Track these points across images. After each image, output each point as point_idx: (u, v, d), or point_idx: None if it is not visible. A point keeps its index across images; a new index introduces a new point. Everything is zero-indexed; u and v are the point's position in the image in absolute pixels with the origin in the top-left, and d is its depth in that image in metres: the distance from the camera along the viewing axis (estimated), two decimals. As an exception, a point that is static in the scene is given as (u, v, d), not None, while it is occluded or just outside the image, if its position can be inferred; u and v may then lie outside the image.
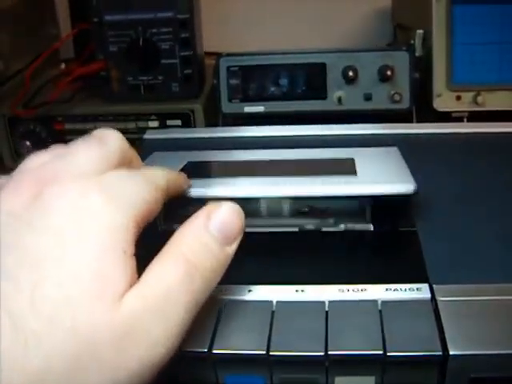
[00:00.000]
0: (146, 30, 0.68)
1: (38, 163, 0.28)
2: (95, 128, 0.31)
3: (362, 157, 0.42)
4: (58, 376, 0.22)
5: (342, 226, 0.39)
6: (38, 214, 0.25)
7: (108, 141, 0.29)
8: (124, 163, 0.30)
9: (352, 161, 0.41)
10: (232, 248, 0.29)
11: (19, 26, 0.81)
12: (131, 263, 0.25)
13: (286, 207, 0.40)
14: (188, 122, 0.69)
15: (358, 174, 0.39)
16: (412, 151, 0.44)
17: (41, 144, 0.74)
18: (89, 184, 0.26)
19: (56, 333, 0.23)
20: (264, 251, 0.37)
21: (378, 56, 0.66)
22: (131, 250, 0.26)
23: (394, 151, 0.43)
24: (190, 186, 0.36)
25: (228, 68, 0.66)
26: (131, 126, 0.71)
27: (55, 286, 0.23)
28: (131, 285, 0.25)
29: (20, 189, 0.26)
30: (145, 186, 0.28)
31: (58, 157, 0.28)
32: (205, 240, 0.28)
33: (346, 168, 0.40)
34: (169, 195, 0.31)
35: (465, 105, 0.67)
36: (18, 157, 0.76)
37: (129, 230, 0.26)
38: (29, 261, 0.24)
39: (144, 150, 0.47)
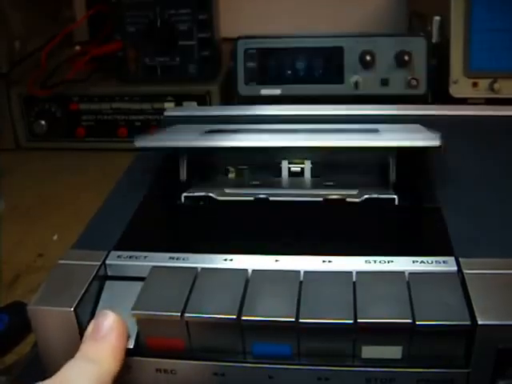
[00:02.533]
0: (164, 11, 0.68)
1: None
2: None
3: (386, 128, 0.42)
4: None
5: (365, 196, 0.39)
6: None
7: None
8: None
9: (376, 129, 0.42)
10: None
11: (35, 8, 0.81)
12: None
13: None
14: (204, 104, 0.69)
15: (383, 135, 0.39)
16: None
17: (56, 123, 0.74)
18: None
19: None
20: (290, 221, 0.37)
21: (395, 41, 0.66)
22: None
23: (417, 126, 0.43)
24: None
25: (245, 50, 0.66)
26: (147, 106, 0.71)
27: None
28: None
29: None
30: None
31: None
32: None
33: (371, 132, 0.41)
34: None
35: (481, 91, 0.67)
36: (32, 137, 0.76)
37: None
38: None
39: (166, 124, 0.47)
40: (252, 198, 0.40)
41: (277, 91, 0.67)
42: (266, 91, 0.67)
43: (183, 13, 0.68)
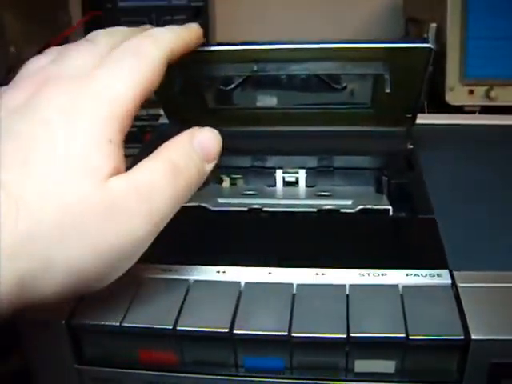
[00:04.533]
0: (160, 17, 0.68)
1: (37, 67, 0.30)
2: None
3: None
4: (43, 240, 0.25)
5: (360, 207, 0.39)
6: (32, 108, 0.27)
7: (98, 38, 0.31)
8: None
9: None
10: (210, 166, 0.31)
11: (31, 12, 0.80)
12: (117, 151, 0.27)
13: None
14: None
15: None
16: (427, 141, 0.44)
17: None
18: (81, 83, 0.28)
19: (45, 204, 0.25)
20: (283, 233, 0.37)
21: (391, 48, 0.66)
22: (118, 138, 0.27)
23: None
24: (202, 38, 0.35)
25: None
26: (142, 112, 0.70)
27: (44, 164, 0.26)
28: (118, 172, 0.27)
29: (19, 88, 0.28)
30: (135, 77, 0.28)
31: (54, 60, 0.30)
32: (189, 151, 0.30)
33: None
34: (177, 55, 0.32)
35: (477, 99, 0.66)
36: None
37: (115, 122, 0.27)
38: (20, 144, 0.26)
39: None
40: (245, 209, 0.40)
41: (273, 100, 0.67)
42: (262, 99, 0.67)
43: (179, 19, 0.68)
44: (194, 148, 0.30)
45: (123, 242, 0.26)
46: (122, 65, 0.29)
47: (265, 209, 0.40)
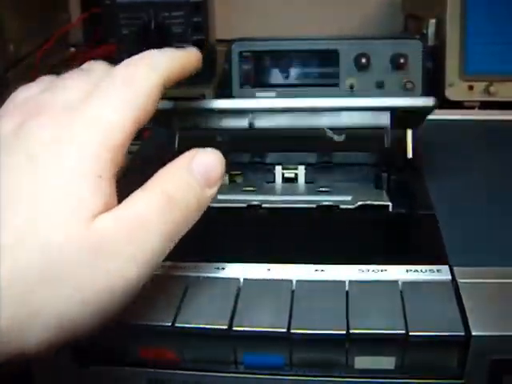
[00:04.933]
0: (159, 13, 0.67)
1: (26, 95, 0.29)
2: None
3: None
4: (26, 287, 0.23)
5: (359, 203, 0.39)
6: (18, 140, 0.26)
7: (95, 70, 0.30)
8: None
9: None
10: (212, 191, 0.29)
11: (30, 10, 0.80)
12: (107, 186, 0.25)
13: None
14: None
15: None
16: (426, 137, 0.44)
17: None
18: (71, 113, 0.26)
19: (28, 246, 0.23)
20: (282, 229, 0.37)
21: (390, 44, 0.66)
22: (109, 172, 0.26)
23: None
24: (200, 62, 0.32)
25: (240, 53, 0.65)
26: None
27: (28, 202, 0.24)
28: (107, 208, 0.25)
29: (6, 119, 0.27)
30: (130, 105, 0.27)
31: (45, 89, 0.29)
32: (187, 178, 0.28)
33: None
34: (173, 81, 0.29)
35: (477, 95, 0.66)
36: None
37: (106, 156, 0.26)
38: (3, 180, 0.24)
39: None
40: (245, 205, 0.40)
41: (271, 94, 0.66)
42: (260, 94, 0.66)
43: (177, 15, 0.67)
44: (193, 174, 0.28)
45: (112, 286, 0.25)
46: (115, 92, 0.27)
47: (264, 205, 0.39)
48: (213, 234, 0.37)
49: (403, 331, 0.28)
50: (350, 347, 0.30)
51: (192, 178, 0.28)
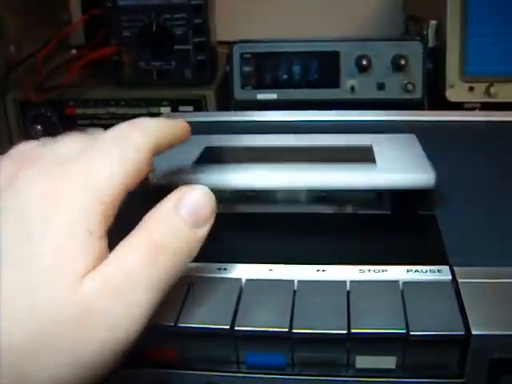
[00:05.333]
0: (160, 15, 0.68)
1: (25, 148, 0.29)
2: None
3: (379, 144, 0.42)
4: (14, 354, 0.23)
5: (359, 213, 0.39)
6: (8, 195, 0.26)
7: (96, 131, 0.30)
8: None
9: (370, 148, 0.41)
10: (203, 231, 0.28)
11: (31, 12, 0.80)
12: (97, 244, 0.25)
13: (303, 195, 0.41)
14: (200, 109, 0.69)
15: (377, 163, 0.39)
16: (427, 138, 0.44)
17: (51, 128, 0.74)
18: (65, 168, 0.26)
19: (15, 312, 0.23)
20: (284, 232, 0.37)
21: (391, 45, 0.66)
22: (100, 230, 0.25)
23: (411, 138, 0.43)
24: (189, 133, 0.32)
25: (242, 55, 0.66)
26: (143, 111, 0.71)
27: (15, 265, 0.24)
28: (96, 265, 0.25)
29: (2, 170, 0.27)
30: (121, 163, 0.27)
31: (43, 144, 0.29)
32: (174, 222, 0.27)
33: (364, 156, 0.40)
34: (163, 148, 0.30)
35: (477, 96, 0.67)
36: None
37: (97, 212, 0.25)
38: None
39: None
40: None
41: (273, 95, 0.67)
42: (262, 95, 0.67)
43: (179, 17, 0.68)
44: (182, 215, 0.27)
45: (102, 346, 0.24)
46: (108, 151, 0.27)
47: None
48: (214, 235, 0.37)
49: (404, 331, 0.28)
50: (351, 347, 0.30)
51: (180, 220, 0.27)
